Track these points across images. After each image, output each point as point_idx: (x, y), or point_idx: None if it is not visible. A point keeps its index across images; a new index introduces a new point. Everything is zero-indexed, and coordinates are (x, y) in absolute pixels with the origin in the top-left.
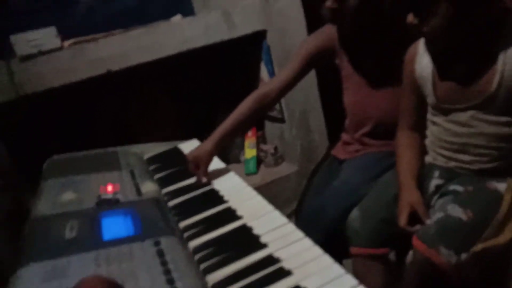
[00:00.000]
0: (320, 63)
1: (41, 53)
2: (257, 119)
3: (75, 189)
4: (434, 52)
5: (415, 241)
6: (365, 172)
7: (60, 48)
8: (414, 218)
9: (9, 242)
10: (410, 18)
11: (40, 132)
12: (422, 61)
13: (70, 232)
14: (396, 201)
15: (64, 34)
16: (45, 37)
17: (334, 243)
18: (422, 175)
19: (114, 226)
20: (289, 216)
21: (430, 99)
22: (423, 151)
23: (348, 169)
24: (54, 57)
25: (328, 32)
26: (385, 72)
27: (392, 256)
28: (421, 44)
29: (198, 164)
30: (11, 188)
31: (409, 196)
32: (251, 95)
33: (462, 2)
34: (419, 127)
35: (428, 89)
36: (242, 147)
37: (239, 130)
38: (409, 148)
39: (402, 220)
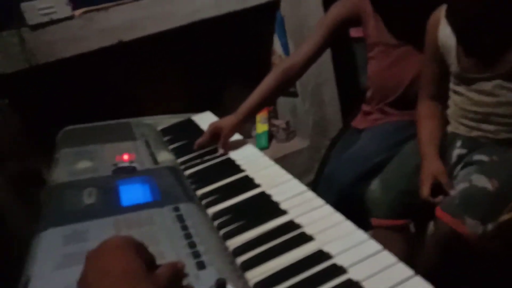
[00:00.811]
0: (345, 31)
1: (52, 22)
2: (281, 94)
3: (91, 158)
4: (461, 21)
5: (439, 212)
6: (382, 140)
7: (71, 17)
8: (437, 189)
9: (22, 208)
10: None
11: (52, 102)
12: (446, 29)
13: (88, 198)
14: (417, 171)
15: (75, 3)
16: (56, 5)
17: (350, 211)
18: (444, 145)
19: (132, 193)
20: None
21: (454, 68)
22: (445, 121)
23: (366, 137)
24: (65, 26)
25: (349, 0)
26: (413, 40)
27: (412, 227)
28: (445, 11)
29: (218, 135)
30: (23, 155)
31: (432, 166)
32: (275, 69)
33: None
34: (441, 97)
35: (451, 58)
36: (253, 122)
37: (264, 105)
38: (430, 118)
39: (425, 191)
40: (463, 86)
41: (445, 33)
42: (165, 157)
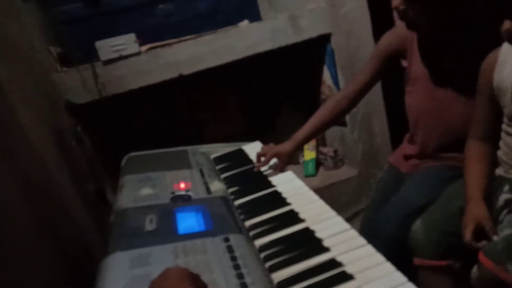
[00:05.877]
0: (397, 61)
1: (122, 58)
2: (334, 123)
3: (152, 185)
4: None
5: (482, 257)
6: (424, 185)
7: (138, 53)
8: (480, 233)
9: (94, 224)
10: (508, 25)
11: (119, 129)
12: (502, 71)
13: (150, 224)
14: (461, 213)
15: (142, 40)
16: (126, 42)
17: (396, 256)
18: (491, 188)
19: (188, 221)
20: (347, 220)
21: (508, 110)
22: (493, 163)
23: (408, 185)
24: (133, 61)
25: (398, 31)
26: (459, 78)
27: (457, 267)
28: (502, 53)
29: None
30: (95, 176)
31: (476, 210)
32: (329, 99)
33: None
34: (491, 138)
35: (506, 100)
36: (301, 149)
37: (318, 134)
38: (478, 160)
39: (468, 235)
40: None
41: (501, 76)
42: (217, 186)
